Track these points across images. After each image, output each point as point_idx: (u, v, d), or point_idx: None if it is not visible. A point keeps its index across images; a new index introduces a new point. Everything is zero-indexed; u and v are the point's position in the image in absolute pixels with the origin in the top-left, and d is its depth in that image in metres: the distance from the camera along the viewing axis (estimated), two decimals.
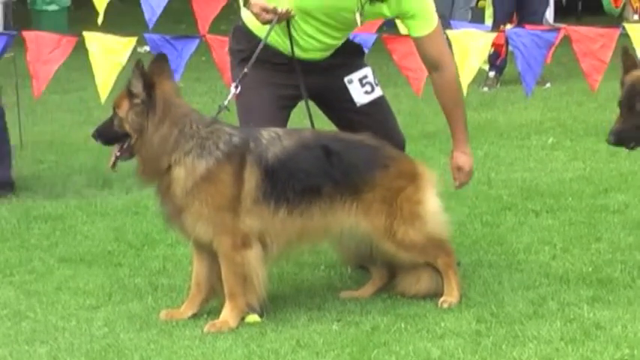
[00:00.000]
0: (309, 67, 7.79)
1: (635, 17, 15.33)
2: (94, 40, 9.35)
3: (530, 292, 7.88)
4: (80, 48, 9.58)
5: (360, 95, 8.03)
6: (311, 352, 6.94)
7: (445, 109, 8.01)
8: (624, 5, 18.48)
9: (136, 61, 7.31)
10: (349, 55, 8.10)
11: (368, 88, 8.06)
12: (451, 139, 8.11)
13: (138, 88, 7.14)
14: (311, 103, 8.03)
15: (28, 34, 9.71)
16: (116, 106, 7.24)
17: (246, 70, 7.61)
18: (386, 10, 7.86)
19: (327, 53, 7.98)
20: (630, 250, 8.69)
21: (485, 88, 14.50)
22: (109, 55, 9.36)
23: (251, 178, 7.25)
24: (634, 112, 7.72)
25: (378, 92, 8.14)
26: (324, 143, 7.55)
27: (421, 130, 12.49)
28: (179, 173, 7.23)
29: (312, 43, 7.88)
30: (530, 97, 12.90)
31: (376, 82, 8.09)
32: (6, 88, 10.60)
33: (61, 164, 11.29)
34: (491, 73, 15.05)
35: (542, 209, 9.82)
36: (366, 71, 8.14)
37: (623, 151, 10.65)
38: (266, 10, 7.60)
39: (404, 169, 7.65)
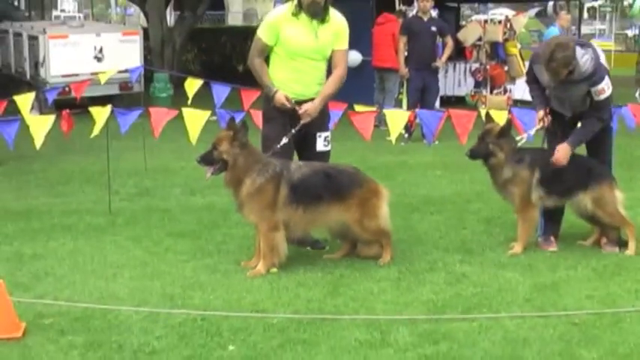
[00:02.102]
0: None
1: (483, 107, 15.46)
2: (187, 112, 9.38)
3: (427, 257, 8.01)
4: (179, 118, 9.57)
5: (320, 146, 8.09)
6: (305, 287, 7.09)
7: (326, 85, 8.00)
8: (477, 100, 18.62)
9: (241, 121, 7.91)
10: (324, 118, 8.13)
11: (326, 143, 8.13)
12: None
13: (240, 135, 7.45)
14: None
15: (152, 109, 9.79)
16: (217, 144, 7.47)
17: (285, 139, 7.86)
18: (330, 29, 7.89)
19: (320, 87, 7.98)
20: (482, 234, 8.88)
21: (403, 143, 14.60)
22: (196, 120, 9.39)
23: (283, 191, 7.45)
24: (483, 141, 8.19)
25: (329, 147, 8.19)
26: (326, 170, 7.77)
27: (368, 165, 12.54)
28: (247, 183, 7.43)
29: (310, 77, 7.96)
30: (430, 146, 13.03)
31: (329, 140, 8.21)
32: (138, 138, 10.67)
33: (167, 180, 11.33)
34: (406, 135, 15.15)
35: (434, 210, 9.93)
36: (329, 133, 8.23)
37: (479, 177, 10.77)
38: (287, 101, 7.85)
39: (371, 187, 7.87)
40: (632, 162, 12.91)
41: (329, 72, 8.11)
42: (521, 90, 19.59)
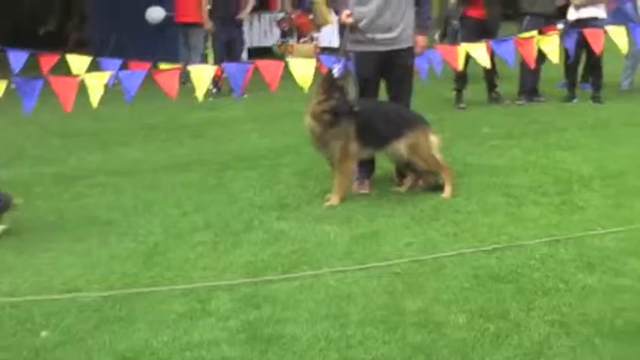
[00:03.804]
0: None
1: (291, 55, 15.44)
2: None
3: (243, 216, 7.78)
4: None
5: None
6: (118, 260, 6.70)
7: None
8: (284, 50, 18.67)
9: None
10: None
11: None
12: None
13: None
14: None
15: None
16: None
17: None
18: None
19: None
20: (297, 187, 8.71)
21: (211, 99, 14.38)
22: None
23: None
24: (342, 96, 7.86)
25: None
26: None
27: (178, 123, 12.25)
28: None
29: None
30: (237, 100, 12.81)
31: None
32: None
33: None
34: (214, 90, 14.99)
35: (247, 166, 9.74)
36: None
37: (289, 129, 10.65)
38: None
39: None
40: (441, 104, 13.05)
41: None
42: (327, 38, 19.73)
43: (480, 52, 9.40)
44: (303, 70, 8.88)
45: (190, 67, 9.71)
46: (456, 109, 13.21)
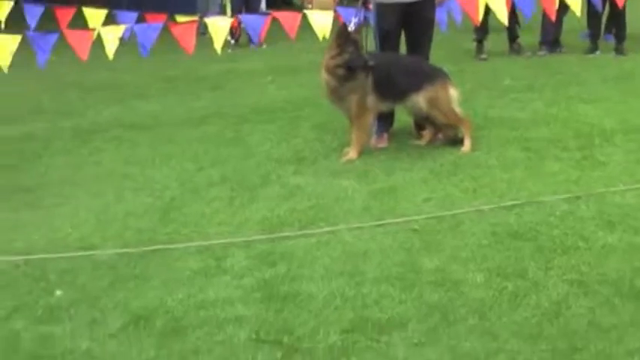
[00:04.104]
0: None
1: (310, 6, 15.33)
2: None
3: (260, 170, 7.69)
4: None
5: None
6: (135, 216, 6.66)
7: None
8: (304, 1, 18.62)
9: None
10: None
11: None
12: None
13: None
14: None
15: None
16: None
17: None
18: None
19: None
20: (314, 141, 8.57)
21: (230, 50, 14.25)
22: (6, 45, 8.54)
23: None
24: (356, 49, 7.71)
25: None
26: None
27: (196, 76, 12.13)
28: None
29: None
30: (256, 51, 12.69)
31: None
32: None
33: None
34: (232, 42, 14.93)
35: (265, 119, 9.64)
36: None
37: (306, 81, 10.55)
38: None
39: None
40: (461, 56, 12.89)
41: None
42: None
43: (499, 3, 9.25)
44: (321, 20, 8.79)
45: (207, 19, 9.63)
46: (477, 60, 13.05)
